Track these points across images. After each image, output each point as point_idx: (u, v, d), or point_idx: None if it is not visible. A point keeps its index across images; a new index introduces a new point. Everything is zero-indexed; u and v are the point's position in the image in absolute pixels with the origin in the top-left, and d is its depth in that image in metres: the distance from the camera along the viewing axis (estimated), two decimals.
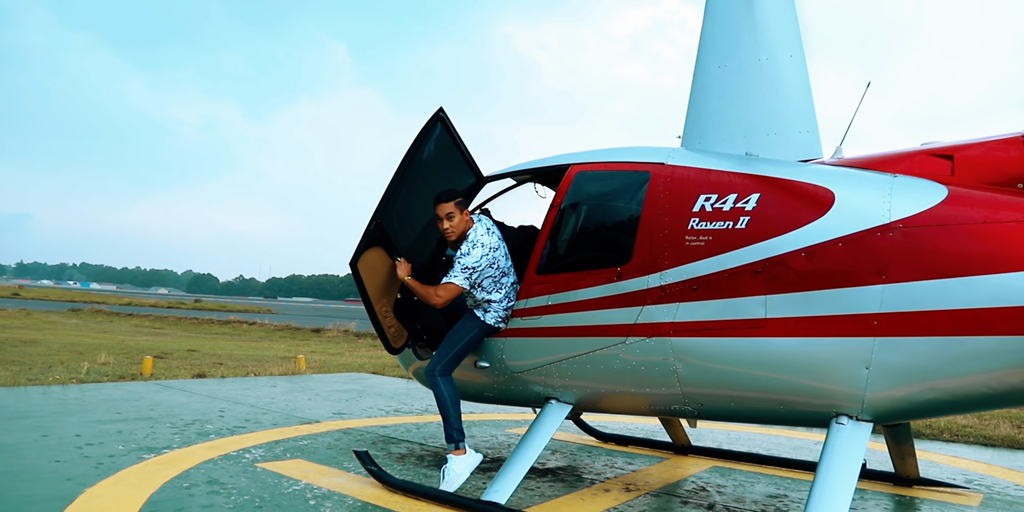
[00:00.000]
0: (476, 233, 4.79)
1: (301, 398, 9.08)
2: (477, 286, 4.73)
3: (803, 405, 3.92)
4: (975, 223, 3.61)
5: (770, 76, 4.71)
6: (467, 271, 4.66)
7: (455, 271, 4.68)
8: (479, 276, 4.69)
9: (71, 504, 4.20)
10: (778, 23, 4.80)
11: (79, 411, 7.35)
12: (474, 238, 4.76)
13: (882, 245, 3.72)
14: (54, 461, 5.22)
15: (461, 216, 4.81)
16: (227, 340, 23.46)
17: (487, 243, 4.76)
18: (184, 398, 8.61)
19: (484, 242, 4.76)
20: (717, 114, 4.80)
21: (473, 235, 4.78)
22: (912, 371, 3.64)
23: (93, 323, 31.59)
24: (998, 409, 4.61)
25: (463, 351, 4.83)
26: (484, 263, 4.69)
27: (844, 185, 3.97)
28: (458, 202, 4.79)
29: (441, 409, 4.80)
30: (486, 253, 4.72)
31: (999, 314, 3.47)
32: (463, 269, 4.66)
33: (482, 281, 4.72)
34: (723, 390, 4.15)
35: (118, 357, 13.55)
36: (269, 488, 4.74)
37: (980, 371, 3.56)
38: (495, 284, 4.77)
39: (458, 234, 4.83)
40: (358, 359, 15.68)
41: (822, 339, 3.79)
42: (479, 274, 4.69)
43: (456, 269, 4.67)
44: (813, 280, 3.84)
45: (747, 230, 4.04)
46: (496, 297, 4.79)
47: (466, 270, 4.66)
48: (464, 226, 4.83)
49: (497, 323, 4.80)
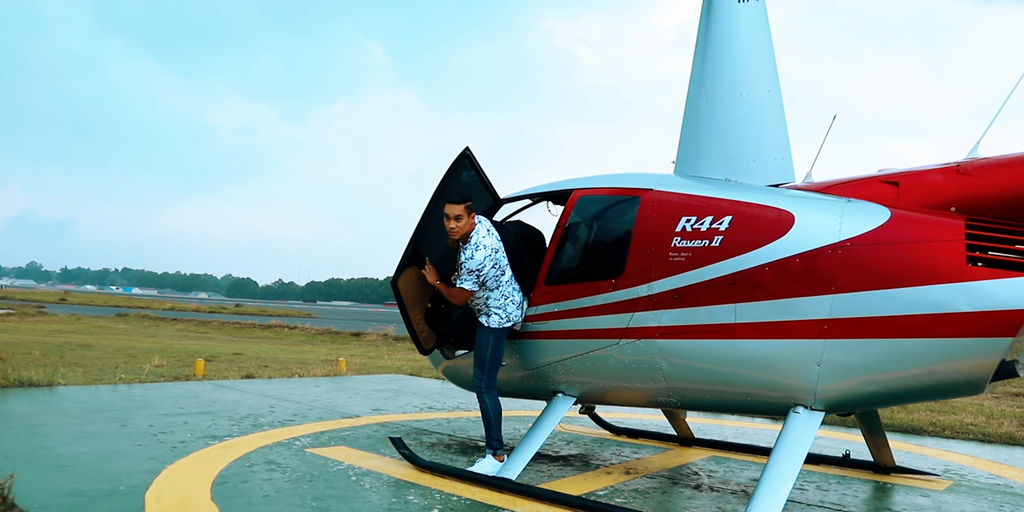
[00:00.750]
0: (478, 235, 5.42)
1: (342, 396, 9.92)
2: (481, 285, 5.41)
3: (766, 397, 4.62)
4: (911, 242, 4.28)
5: (750, 110, 5.40)
6: (472, 274, 5.36)
7: (463, 276, 5.38)
8: (483, 276, 5.37)
9: (158, 476, 5.05)
10: (757, 63, 5.50)
11: (147, 406, 8.26)
12: (476, 241, 5.39)
13: (833, 260, 4.40)
14: (136, 445, 6.09)
15: (468, 218, 5.37)
16: (270, 344, 24.49)
17: (488, 245, 5.40)
18: (237, 396, 9.49)
19: (485, 244, 5.40)
20: (704, 143, 5.51)
21: (475, 238, 5.40)
22: (856, 368, 4.33)
23: (140, 328, 32.88)
24: (929, 401, 5.24)
25: (494, 362, 5.52)
26: (488, 264, 5.35)
27: (803, 208, 4.66)
28: (467, 206, 5.38)
29: (485, 421, 5.56)
30: (488, 255, 5.37)
31: (928, 320, 4.14)
32: (468, 273, 5.36)
33: (486, 280, 5.39)
34: (700, 384, 4.87)
35: (170, 360, 14.51)
36: (317, 467, 5.55)
37: (911, 368, 4.23)
38: (496, 282, 5.44)
39: (461, 234, 5.40)
40: (396, 362, 16.52)
41: (781, 341, 4.49)
42: (483, 275, 5.36)
43: (463, 274, 5.38)
44: (775, 290, 4.53)
45: (721, 247, 4.74)
46: (495, 294, 5.45)
47: (471, 273, 5.36)
48: (468, 228, 5.40)
49: (502, 324, 5.48)
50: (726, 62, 5.52)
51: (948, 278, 4.13)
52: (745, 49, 5.49)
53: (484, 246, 5.38)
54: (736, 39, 5.51)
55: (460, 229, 5.38)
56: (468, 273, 5.35)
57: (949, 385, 4.29)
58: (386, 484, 5.17)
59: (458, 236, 5.42)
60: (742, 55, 5.50)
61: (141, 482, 4.92)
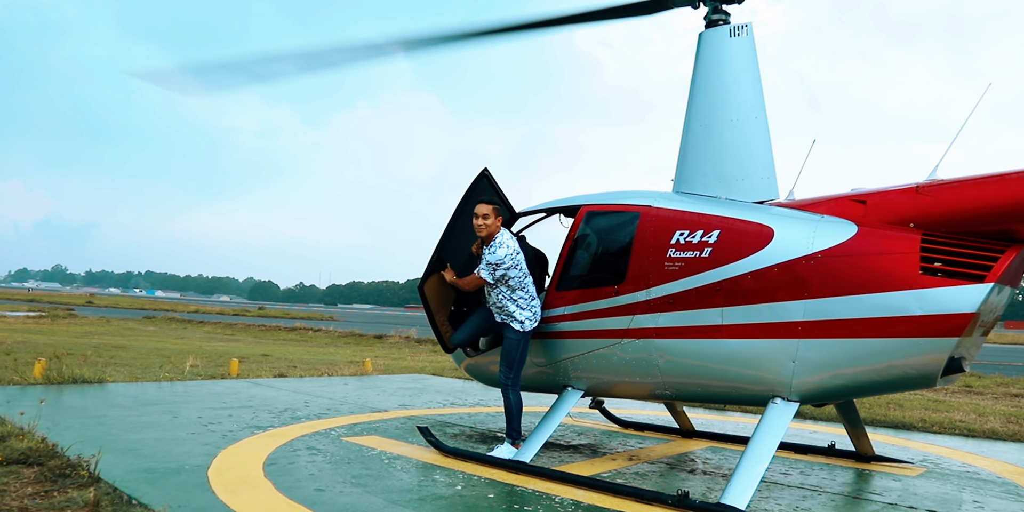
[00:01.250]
0: (502, 237, 6.12)
1: (370, 393, 10.63)
2: (503, 283, 6.04)
3: (749, 389, 5.26)
4: (873, 254, 4.91)
5: (739, 134, 6.05)
6: (490, 266, 6.03)
7: (481, 266, 6.07)
8: (502, 272, 6.00)
9: (215, 458, 5.77)
10: (746, 92, 6.13)
11: (193, 401, 9.01)
12: (500, 240, 6.09)
13: (806, 270, 5.04)
14: (190, 433, 6.82)
15: (495, 220, 6.11)
16: (295, 346, 25.30)
17: (511, 245, 6.08)
18: (273, 393, 10.23)
19: (508, 245, 6.07)
20: (700, 163, 6.16)
21: (500, 238, 6.10)
22: (825, 364, 4.96)
23: (169, 330, 33.79)
24: (889, 393, 5.86)
25: (522, 361, 6.19)
26: (508, 262, 5.99)
27: (782, 224, 5.29)
28: (495, 208, 6.14)
29: (507, 413, 6.23)
30: (510, 253, 6.02)
31: (886, 322, 4.78)
32: (487, 264, 6.04)
33: (509, 280, 6.02)
34: (692, 379, 5.52)
35: (204, 360, 15.28)
36: (353, 452, 6.24)
37: (873, 364, 4.87)
38: (520, 283, 6.09)
39: (488, 232, 6.09)
40: (419, 363, 17.24)
41: (762, 340, 5.13)
42: (502, 270, 6.00)
43: (482, 265, 6.07)
44: (756, 296, 5.18)
45: (710, 258, 5.39)
46: (522, 294, 6.10)
47: (489, 266, 6.03)
48: (494, 228, 6.11)
49: (529, 328, 6.12)
50: (718, 91, 6.17)
51: (904, 286, 4.76)
52: (735, 79, 6.14)
53: (507, 245, 6.06)
54: (727, 70, 6.15)
55: (487, 227, 6.09)
56: (487, 264, 6.04)
57: (905, 379, 4.92)
58: (415, 466, 5.86)
59: (484, 233, 6.11)
60: (732, 85, 6.14)
61: (201, 462, 5.63)
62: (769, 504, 5.10)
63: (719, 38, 6.20)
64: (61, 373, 10.23)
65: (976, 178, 4.93)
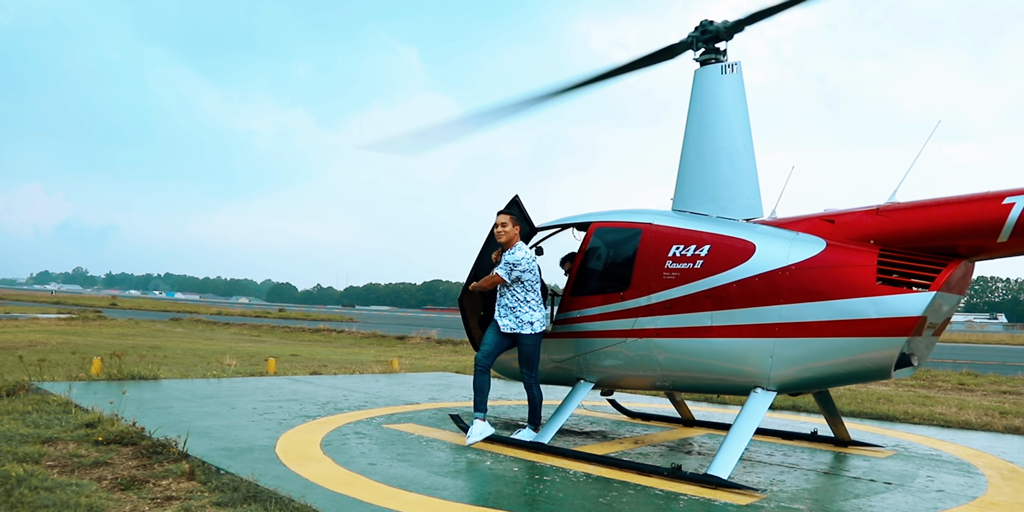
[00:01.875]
0: (521, 244, 7.11)
1: (401, 388, 11.62)
2: (518, 282, 6.92)
3: (734, 381, 6.19)
4: (838, 266, 5.83)
5: (730, 160, 6.97)
6: (508, 266, 6.90)
7: (500, 266, 6.98)
8: (517, 273, 6.88)
9: (278, 440, 6.76)
10: (735, 122, 7.05)
11: (243, 395, 10.02)
12: (519, 246, 7.04)
13: (782, 279, 5.95)
14: (250, 421, 7.82)
15: (513, 227, 7.03)
16: (321, 346, 26.36)
17: (528, 252, 7.09)
18: (312, 388, 11.23)
19: (526, 250, 7.05)
20: (695, 185, 7.08)
21: (519, 245, 7.07)
22: (798, 359, 5.88)
23: (197, 331, 34.93)
24: (850, 384, 6.78)
25: (537, 360, 7.13)
26: (524, 265, 6.89)
27: (763, 240, 6.21)
28: (513, 218, 7.08)
29: (531, 406, 7.15)
30: (527, 257, 6.95)
31: (848, 324, 5.69)
32: (505, 263, 6.92)
33: (523, 281, 6.92)
34: (686, 372, 6.45)
35: (239, 360, 16.34)
36: (395, 436, 7.22)
37: (837, 359, 5.79)
38: (532, 286, 6.97)
39: (507, 238, 6.99)
40: (442, 362, 18.24)
41: (745, 339, 6.05)
42: (517, 271, 6.88)
43: (501, 264, 6.99)
44: (740, 301, 6.10)
45: (701, 269, 6.32)
46: (533, 297, 6.97)
47: (507, 265, 6.91)
48: (512, 235, 7.02)
49: (540, 330, 7.00)
50: (711, 122, 7.09)
51: (863, 293, 5.68)
52: (726, 112, 7.06)
53: (524, 250, 7.05)
54: (719, 104, 7.08)
55: (506, 233, 7.03)
56: (505, 263, 6.91)
57: (864, 371, 5.83)
58: (449, 447, 6.82)
59: (504, 238, 7.02)
60: (723, 117, 7.06)
61: (267, 444, 6.62)
62: (751, 477, 6.02)
63: (712, 75, 7.13)
64: (121, 370, 11.28)
65: (925, 202, 5.85)
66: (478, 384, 7.04)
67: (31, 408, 7.80)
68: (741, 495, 5.35)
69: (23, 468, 5.27)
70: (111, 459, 5.88)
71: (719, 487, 5.47)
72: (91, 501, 4.61)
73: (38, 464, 5.55)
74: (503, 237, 7.04)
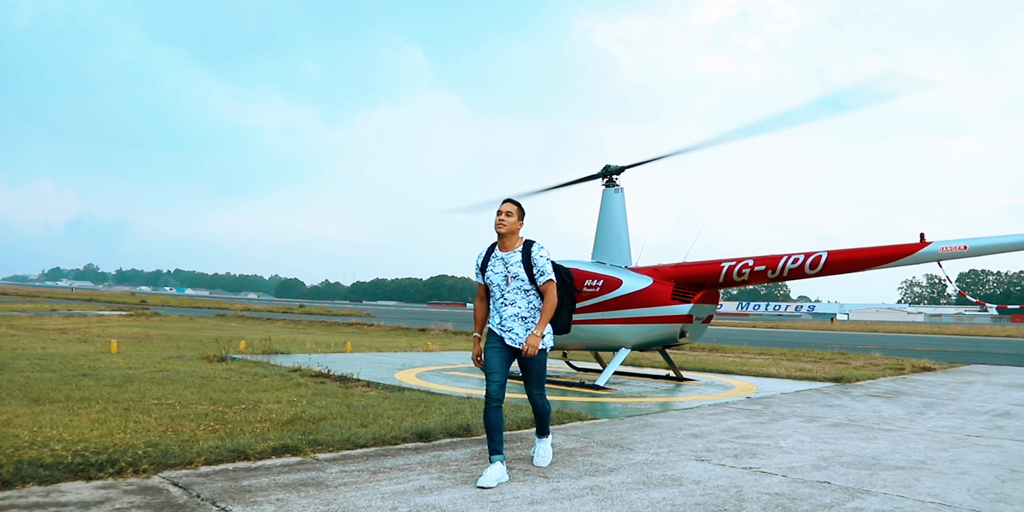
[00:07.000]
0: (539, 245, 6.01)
1: (445, 358, 18.59)
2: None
3: (613, 344, 13.28)
4: (657, 291, 12.92)
5: (617, 237, 14.03)
6: (550, 263, 5.94)
7: (548, 270, 5.92)
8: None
9: (394, 376, 13.78)
10: (621, 219, 14.11)
11: (353, 361, 16.92)
12: (540, 245, 6.01)
13: (634, 297, 13.02)
14: (373, 369, 14.76)
15: (517, 220, 5.96)
16: (360, 337, 31.98)
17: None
18: (386, 358, 18.15)
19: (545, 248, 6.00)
20: (601, 249, 14.15)
21: (537, 243, 6.01)
22: (639, 333, 12.97)
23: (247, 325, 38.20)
24: (662, 345, 13.83)
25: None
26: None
27: (627, 277, 13.27)
28: (520, 210, 6.03)
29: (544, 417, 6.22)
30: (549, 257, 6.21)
31: (659, 317, 12.80)
32: (547, 262, 5.91)
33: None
34: (593, 342, 13.54)
35: (313, 345, 23.01)
36: (454, 377, 14.21)
37: (655, 334, 12.94)
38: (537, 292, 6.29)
39: (507, 230, 5.93)
40: (463, 347, 25.16)
41: (618, 325, 13.11)
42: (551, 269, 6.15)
43: (547, 268, 5.91)
44: (617, 307, 13.15)
45: (600, 291, 13.36)
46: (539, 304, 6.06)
47: (549, 262, 5.94)
48: (515, 227, 5.96)
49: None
50: (609, 219, 14.13)
51: (666, 303, 12.75)
52: (617, 214, 14.10)
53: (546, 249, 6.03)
54: (613, 209, 14.13)
55: (508, 224, 5.91)
56: (547, 262, 5.91)
57: (666, 340, 12.96)
58: (475, 378, 13.82)
59: (504, 230, 5.92)
60: (615, 217, 14.10)
61: (388, 377, 13.55)
62: (624, 388, 13.01)
63: (609, 193, 14.17)
64: (271, 348, 18.28)
65: (694, 262, 12.92)
66: (494, 422, 5.72)
67: (249, 366, 14.69)
68: (606, 392, 12.38)
69: (296, 378, 12.29)
70: (323, 382, 12.85)
71: (598, 390, 12.51)
72: (335, 389, 11.63)
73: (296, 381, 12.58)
74: (503, 227, 5.93)
